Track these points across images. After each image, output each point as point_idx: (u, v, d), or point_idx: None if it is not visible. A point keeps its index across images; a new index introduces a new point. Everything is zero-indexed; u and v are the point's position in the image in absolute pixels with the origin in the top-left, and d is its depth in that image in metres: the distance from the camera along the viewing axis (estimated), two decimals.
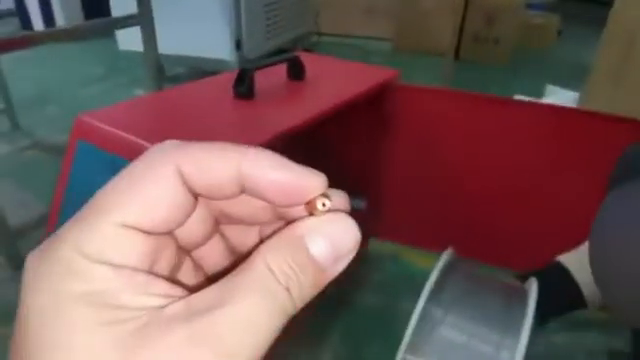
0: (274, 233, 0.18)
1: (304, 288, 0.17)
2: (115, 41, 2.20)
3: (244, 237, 0.22)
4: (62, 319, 0.15)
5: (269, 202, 0.18)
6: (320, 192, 0.18)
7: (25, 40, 1.15)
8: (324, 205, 0.18)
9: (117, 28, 1.37)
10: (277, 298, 0.16)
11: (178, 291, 0.17)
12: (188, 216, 0.18)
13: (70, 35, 1.24)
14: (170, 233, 0.18)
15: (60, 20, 3.03)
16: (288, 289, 0.16)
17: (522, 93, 1.93)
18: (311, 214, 0.18)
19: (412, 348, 0.57)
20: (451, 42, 2.03)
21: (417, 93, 0.98)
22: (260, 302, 0.16)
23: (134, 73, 2.31)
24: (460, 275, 0.66)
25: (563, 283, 0.79)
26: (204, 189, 0.18)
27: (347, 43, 2.99)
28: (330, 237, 0.17)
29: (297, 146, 0.71)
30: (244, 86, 0.77)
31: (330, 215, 0.18)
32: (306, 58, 0.90)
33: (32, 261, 0.16)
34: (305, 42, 2.73)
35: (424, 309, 0.58)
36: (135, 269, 0.16)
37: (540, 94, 2.02)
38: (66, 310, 0.15)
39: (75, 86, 2.24)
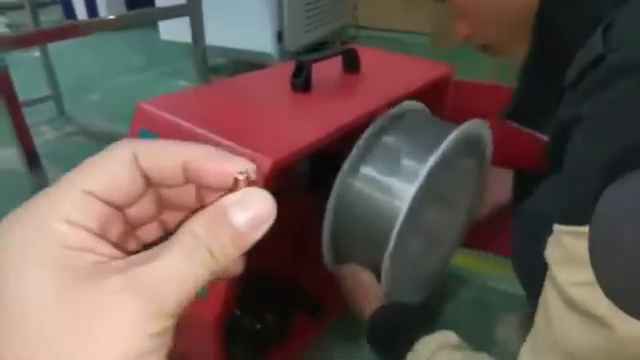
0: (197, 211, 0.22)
1: (225, 248, 0.20)
2: (157, 31, 2.22)
3: (177, 220, 0.26)
4: (22, 261, 0.19)
5: (206, 185, 0.23)
6: (239, 170, 0.22)
7: (74, 29, 1.16)
8: (241, 173, 0.22)
9: (165, 18, 1.37)
10: (198, 254, 0.20)
11: (120, 255, 0.21)
12: (138, 196, 0.23)
13: (118, 24, 1.25)
14: (122, 210, 0.23)
15: (102, 8, 3.08)
16: (209, 249, 0.20)
17: None
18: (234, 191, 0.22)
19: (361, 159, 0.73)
20: None
21: (472, 88, 0.95)
22: (181, 256, 0.20)
23: (176, 63, 2.33)
24: (417, 114, 0.81)
25: None
26: (155, 174, 0.22)
27: (385, 37, 2.96)
28: (246, 206, 0.21)
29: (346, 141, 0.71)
30: (301, 79, 0.76)
31: (247, 189, 0.22)
32: (360, 51, 0.89)
33: (5, 220, 0.20)
34: (343, 35, 2.71)
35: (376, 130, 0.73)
36: (88, 230, 0.20)
37: None
38: (27, 254, 0.19)
39: (117, 75, 2.27)
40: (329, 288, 0.79)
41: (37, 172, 1.01)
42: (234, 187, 0.22)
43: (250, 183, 0.22)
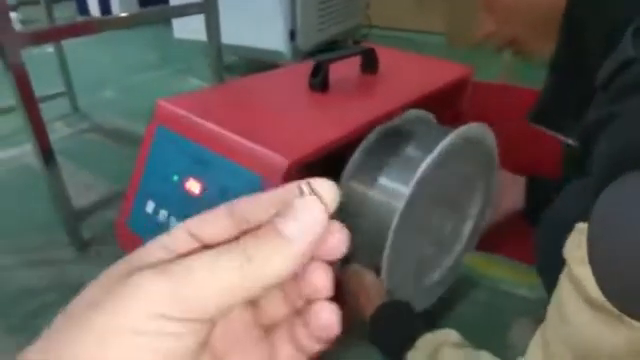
0: None
1: (269, 257, 0.19)
2: (170, 29, 2.22)
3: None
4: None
5: None
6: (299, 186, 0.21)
7: (90, 26, 1.16)
8: (306, 185, 0.21)
9: (181, 16, 1.37)
10: (230, 255, 0.19)
11: None
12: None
13: (135, 22, 1.25)
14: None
15: (115, 5, 3.09)
16: (247, 252, 0.19)
17: None
18: None
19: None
20: None
21: (489, 90, 0.95)
22: (213, 258, 0.19)
23: (189, 61, 2.33)
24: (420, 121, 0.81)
25: None
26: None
27: (397, 36, 2.94)
28: (294, 214, 0.20)
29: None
30: (319, 79, 0.75)
31: (301, 198, 0.21)
32: (378, 50, 0.88)
33: None
34: (356, 34, 2.70)
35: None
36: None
37: None
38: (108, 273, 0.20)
39: (131, 72, 2.27)
40: (339, 289, 0.78)
41: (52, 169, 1.01)
42: None
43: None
